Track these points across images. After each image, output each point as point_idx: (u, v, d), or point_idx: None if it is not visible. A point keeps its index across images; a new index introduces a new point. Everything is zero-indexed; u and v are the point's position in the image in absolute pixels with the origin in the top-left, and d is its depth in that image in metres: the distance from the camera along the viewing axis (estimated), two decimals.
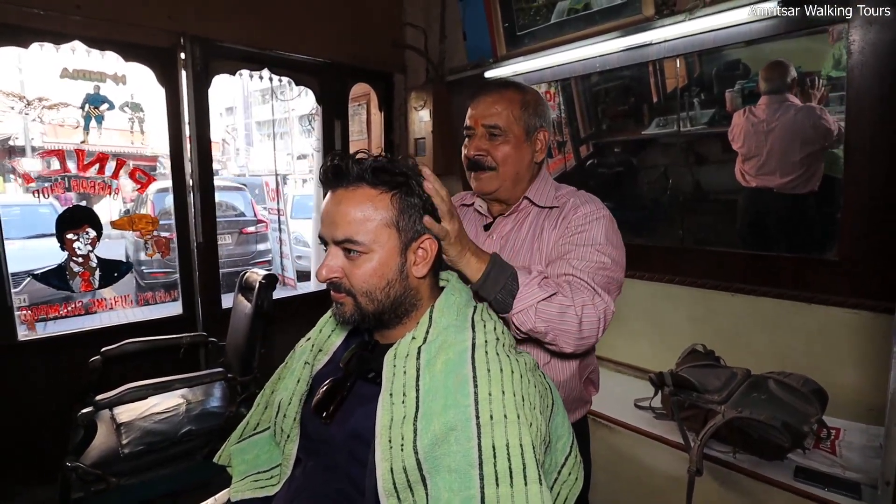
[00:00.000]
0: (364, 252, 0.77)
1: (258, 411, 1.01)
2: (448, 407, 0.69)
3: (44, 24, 1.97)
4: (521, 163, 1.13)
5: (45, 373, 2.08)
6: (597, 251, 1.01)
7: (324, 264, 0.79)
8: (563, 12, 2.16)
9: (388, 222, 0.77)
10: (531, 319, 0.89)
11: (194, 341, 2.15)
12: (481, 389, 0.70)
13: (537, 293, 0.90)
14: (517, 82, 1.19)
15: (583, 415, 1.19)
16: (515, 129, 1.11)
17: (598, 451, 1.75)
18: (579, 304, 0.91)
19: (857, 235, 1.57)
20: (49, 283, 2.15)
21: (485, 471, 0.64)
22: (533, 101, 1.15)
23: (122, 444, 1.63)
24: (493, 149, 1.11)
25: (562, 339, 0.92)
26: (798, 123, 1.71)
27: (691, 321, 1.97)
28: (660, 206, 2.16)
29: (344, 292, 0.79)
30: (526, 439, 0.67)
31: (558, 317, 0.90)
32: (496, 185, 1.13)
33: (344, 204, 0.77)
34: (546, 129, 1.16)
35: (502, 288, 0.89)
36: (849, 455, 1.43)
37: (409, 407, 0.72)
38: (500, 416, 0.67)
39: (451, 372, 0.73)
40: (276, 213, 6.13)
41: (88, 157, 2.17)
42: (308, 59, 2.68)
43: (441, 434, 0.67)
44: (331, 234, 0.78)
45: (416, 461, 0.67)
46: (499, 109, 1.11)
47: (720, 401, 1.53)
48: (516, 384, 0.71)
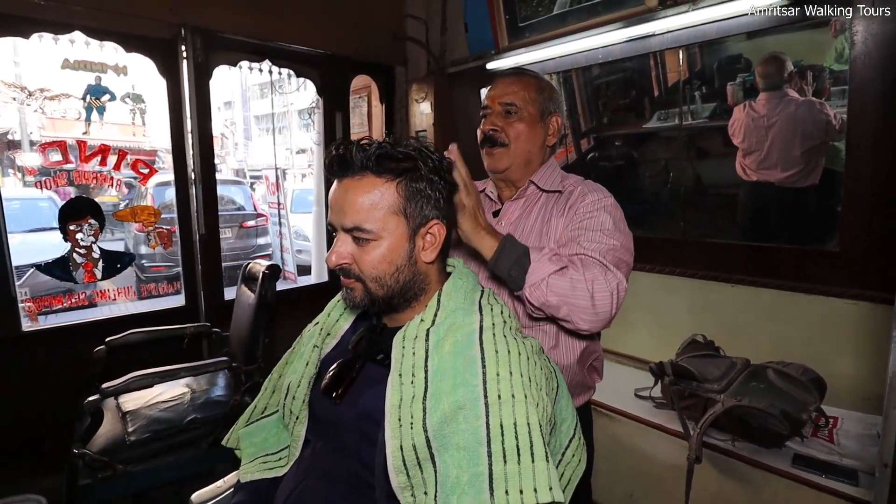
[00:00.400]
0: (373, 239, 0.78)
1: (266, 395, 1.03)
2: (457, 386, 0.71)
3: (45, 15, 1.97)
4: (534, 142, 1.16)
5: (49, 364, 2.09)
6: (606, 235, 1.03)
7: (333, 250, 0.80)
8: (565, 3, 2.16)
9: (396, 209, 0.78)
10: (543, 293, 0.92)
11: (198, 331, 2.16)
12: (489, 370, 0.71)
13: (548, 266, 0.93)
14: (534, 71, 1.24)
15: (586, 400, 1.21)
16: (531, 109, 1.15)
17: (600, 439, 1.76)
18: (590, 279, 0.93)
19: (858, 228, 1.58)
20: (52, 273, 2.15)
21: (493, 448, 0.66)
22: (548, 87, 1.19)
23: (128, 431, 1.64)
24: (507, 126, 1.15)
25: (576, 314, 0.94)
26: (798, 118, 1.72)
27: (691, 312, 1.99)
28: (661, 199, 2.17)
29: (353, 278, 0.81)
30: (533, 418, 0.68)
31: (570, 290, 0.92)
32: (507, 162, 1.15)
33: (351, 192, 0.78)
34: (560, 115, 1.20)
35: (514, 263, 0.93)
36: (846, 443, 1.44)
37: (417, 387, 0.73)
38: (507, 395, 0.69)
39: (459, 353, 0.74)
40: (276, 207, 6.13)
41: (90, 149, 2.17)
42: (309, 51, 2.67)
43: (450, 412, 0.69)
44: (339, 221, 0.79)
45: (426, 439, 0.69)
46: (516, 90, 1.15)
47: (719, 390, 1.55)
48: (523, 365, 0.73)
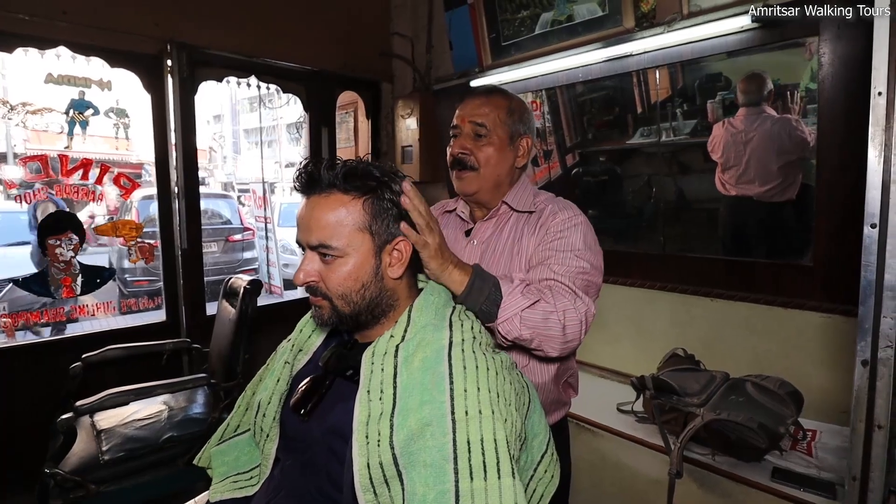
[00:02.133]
0: (339, 256, 0.79)
1: (238, 413, 1.02)
2: (424, 403, 0.70)
3: (29, 30, 1.97)
4: (503, 166, 1.16)
5: (24, 380, 2.04)
6: (576, 256, 1.04)
7: (300, 268, 0.80)
8: (546, 23, 2.21)
9: (362, 227, 0.79)
10: (516, 328, 0.91)
11: (177, 348, 2.13)
12: (457, 386, 0.71)
13: (521, 301, 0.92)
14: (504, 89, 1.23)
15: (562, 416, 1.21)
16: (500, 132, 1.14)
17: (582, 454, 1.77)
18: (561, 309, 0.93)
19: (829, 242, 1.62)
20: (30, 289, 2.12)
21: (459, 465, 0.65)
22: (518, 108, 1.18)
23: (102, 450, 1.61)
24: (476, 149, 1.14)
25: (547, 344, 0.94)
26: (775, 134, 1.76)
27: (672, 326, 2.01)
28: (642, 213, 2.20)
29: (320, 296, 0.81)
30: (500, 435, 0.68)
31: (543, 323, 0.92)
32: (476, 186, 1.15)
33: (317, 209, 0.79)
34: (530, 136, 1.19)
35: (486, 298, 0.91)
36: (824, 456, 1.46)
37: (386, 403, 0.73)
38: (474, 411, 0.69)
39: (427, 369, 0.74)
40: (263, 221, 6.11)
41: (72, 163, 2.16)
42: (295, 67, 2.69)
43: (417, 430, 0.69)
44: (306, 239, 0.80)
45: (393, 456, 0.68)
46: (486, 111, 1.15)
47: (699, 403, 1.56)
48: (491, 381, 0.73)
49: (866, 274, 0.84)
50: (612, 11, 1.98)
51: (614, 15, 1.97)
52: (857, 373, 0.86)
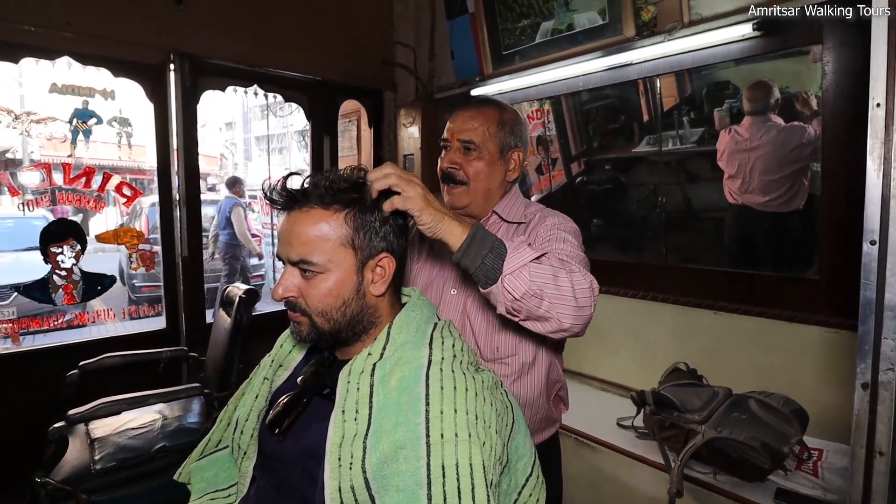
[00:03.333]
0: (320, 272, 0.76)
1: (220, 428, 1.00)
2: (398, 425, 0.68)
3: (35, 41, 2.00)
4: (493, 180, 1.14)
5: (22, 387, 2.05)
6: (570, 246, 1.02)
7: (279, 283, 0.78)
8: (547, 32, 2.20)
9: (344, 241, 0.77)
10: (525, 280, 0.82)
11: (175, 356, 2.13)
12: (433, 407, 0.69)
13: (528, 252, 0.85)
14: (497, 100, 1.20)
15: (552, 433, 1.18)
16: (490, 146, 1.12)
17: (580, 470, 1.73)
18: (569, 271, 0.87)
19: (836, 255, 1.57)
20: (31, 296, 2.14)
21: (433, 491, 0.63)
22: (510, 120, 1.15)
23: (94, 459, 1.60)
24: (466, 163, 1.12)
25: (558, 306, 0.85)
26: (780, 143, 1.72)
27: (675, 338, 1.96)
28: (646, 223, 2.17)
29: (299, 312, 0.79)
30: (476, 459, 0.65)
31: (552, 280, 0.84)
32: (467, 200, 1.14)
33: (298, 224, 0.77)
34: (521, 149, 1.17)
35: (490, 251, 0.84)
36: (831, 477, 1.41)
37: (360, 424, 0.71)
38: (450, 434, 0.66)
39: (404, 389, 0.72)
40: (270, 228, 6.15)
41: (75, 171, 2.18)
42: (298, 76, 2.71)
43: (390, 453, 0.66)
44: (286, 253, 0.78)
45: (364, 480, 0.66)
46: (475, 125, 1.12)
47: (700, 420, 1.52)
48: (470, 402, 0.70)
49: (866, 293, 0.80)
50: (612, 20, 1.96)
51: (614, 24, 1.96)
52: (857, 396, 0.82)
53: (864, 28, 0.84)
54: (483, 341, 1.07)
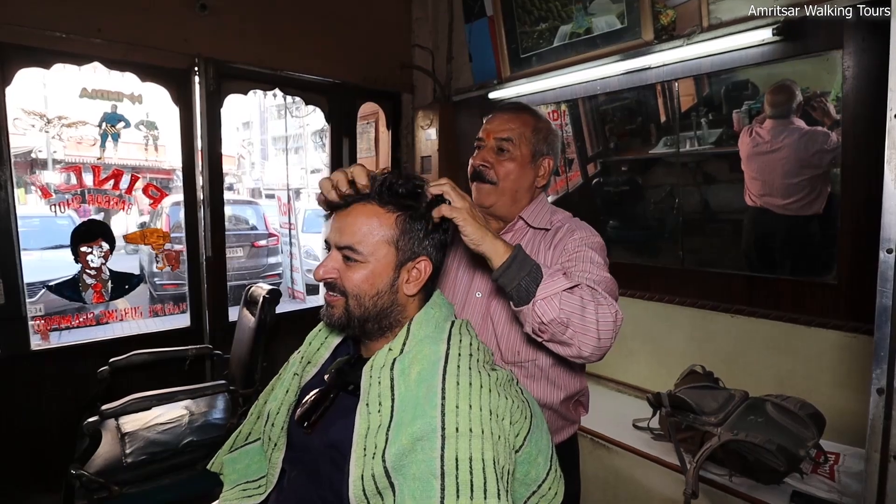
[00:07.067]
0: (361, 261, 0.82)
1: (251, 421, 1.05)
2: (417, 417, 0.72)
3: (66, 47, 2.07)
4: (522, 182, 1.17)
5: (55, 382, 2.13)
6: (597, 268, 1.04)
7: (322, 264, 0.84)
8: (565, 36, 2.21)
9: (389, 240, 0.83)
10: (555, 308, 0.86)
11: (200, 353, 2.19)
12: (448, 402, 0.72)
13: (563, 281, 0.88)
14: (534, 109, 1.24)
15: (571, 433, 1.20)
16: (523, 149, 1.16)
17: (596, 471, 1.75)
18: (595, 303, 0.90)
19: (855, 259, 1.57)
20: (62, 294, 2.22)
21: (446, 482, 0.66)
22: (545, 128, 1.19)
23: (125, 453, 1.66)
24: (497, 163, 1.15)
25: (581, 336, 0.88)
26: (801, 146, 1.71)
27: (691, 342, 1.97)
28: (664, 225, 2.17)
29: (338, 292, 0.84)
30: (488, 454, 0.68)
31: (580, 311, 0.88)
32: (494, 199, 1.16)
33: (353, 215, 0.83)
34: (552, 158, 1.20)
35: (528, 274, 0.88)
36: (847, 481, 1.41)
37: (384, 415, 0.75)
38: (465, 429, 0.70)
39: (423, 381, 0.76)
40: (288, 227, 6.23)
41: (104, 173, 2.25)
42: (318, 79, 2.75)
43: (408, 444, 0.70)
44: (335, 239, 0.84)
45: (384, 469, 0.70)
46: (512, 126, 1.16)
47: (717, 423, 1.53)
48: (484, 398, 0.74)
49: (882, 300, 0.81)
50: (631, 24, 1.97)
51: (633, 27, 1.96)
52: (873, 401, 0.83)
53: (885, 32, 0.84)
54: (505, 345, 1.10)
